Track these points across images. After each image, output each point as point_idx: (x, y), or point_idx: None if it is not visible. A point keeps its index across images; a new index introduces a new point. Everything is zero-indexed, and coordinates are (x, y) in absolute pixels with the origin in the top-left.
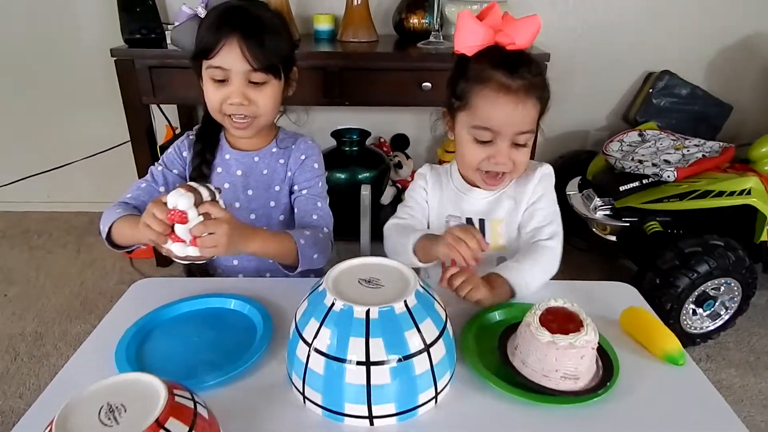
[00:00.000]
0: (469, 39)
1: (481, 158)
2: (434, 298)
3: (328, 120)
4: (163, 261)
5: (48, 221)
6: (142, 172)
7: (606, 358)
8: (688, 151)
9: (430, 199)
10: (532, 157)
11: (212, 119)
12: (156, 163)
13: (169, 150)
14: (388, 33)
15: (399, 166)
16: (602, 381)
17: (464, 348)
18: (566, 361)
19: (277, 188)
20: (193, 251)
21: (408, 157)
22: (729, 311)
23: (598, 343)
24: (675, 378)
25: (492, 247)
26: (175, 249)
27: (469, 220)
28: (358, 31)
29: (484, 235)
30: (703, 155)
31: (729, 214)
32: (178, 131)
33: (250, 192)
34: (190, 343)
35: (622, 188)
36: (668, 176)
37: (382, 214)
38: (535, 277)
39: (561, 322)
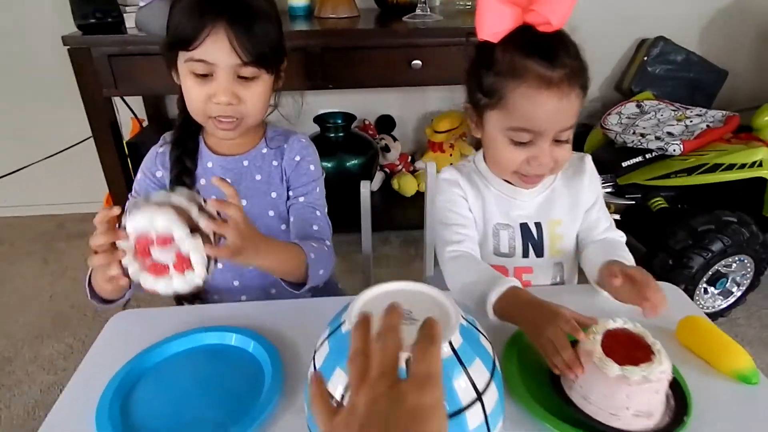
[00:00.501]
0: (494, 23)
1: (519, 161)
2: (478, 330)
3: (308, 104)
4: None
5: (8, 228)
6: (108, 170)
7: (673, 382)
8: (691, 121)
9: (472, 208)
10: None
11: (188, 120)
12: (130, 195)
13: (138, 176)
14: (369, 7)
15: (386, 149)
16: (675, 414)
17: (509, 378)
18: (639, 397)
19: (274, 195)
20: (181, 282)
21: (395, 140)
22: (741, 288)
23: None
24: (750, 400)
25: (549, 253)
26: (158, 286)
27: (524, 226)
28: (337, 6)
29: (542, 241)
30: (707, 126)
31: (735, 186)
32: (145, 124)
33: (244, 202)
34: (185, 393)
35: (624, 164)
36: (674, 150)
37: (372, 201)
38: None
39: (626, 348)
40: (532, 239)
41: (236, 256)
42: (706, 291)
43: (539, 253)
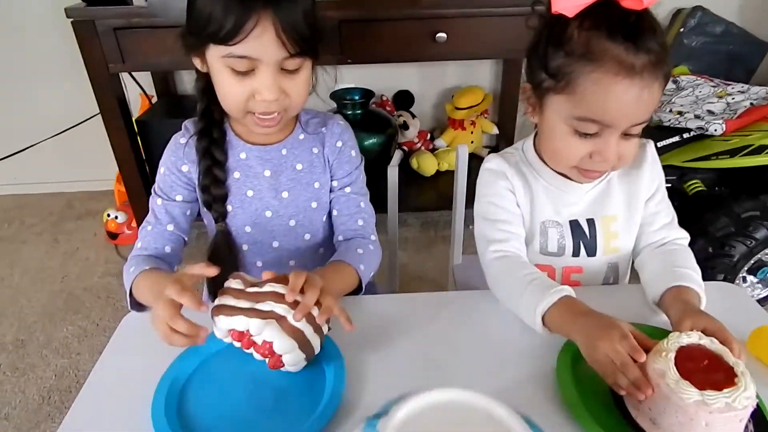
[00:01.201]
0: None
1: (581, 155)
2: None
3: (324, 81)
4: None
5: (18, 206)
6: (117, 148)
7: None
8: (732, 99)
9: (520, 203)
10: None
11: (211, 108)
12: (153, 192)
13: (161, 170)
14: None
15: (405, 126)
16: None
17: (564, 392)
18: (720, 426)
19: (317, 185)
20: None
21: (413, 116)
22: None
23: None
24: None
25: (603, 252)
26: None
27: (575, 223)
28: None
29: (595, 239)
30: (751, 103)
31: None
32: (154, 100)
33: (285, 195)
34: (241, 391)
35: (659, 144)
36: (715, 129)
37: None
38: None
39: (704, 370)
40: (584, 237)
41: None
42: (744, 279)
43: (591, 253)
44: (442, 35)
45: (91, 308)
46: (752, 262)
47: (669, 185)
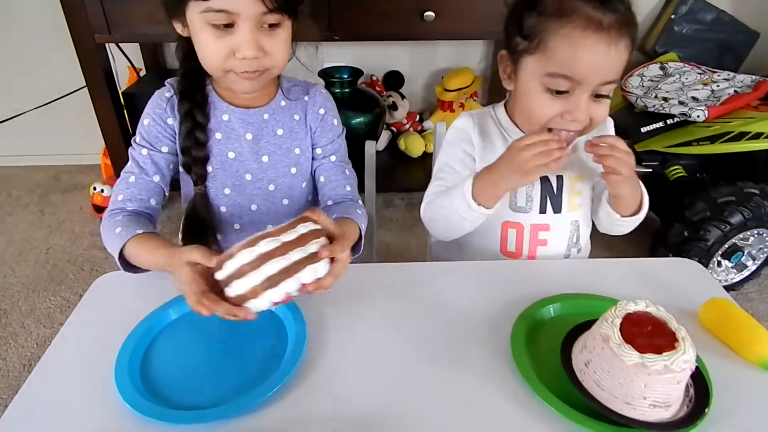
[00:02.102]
0: None
1: (553, 113)
2: None
3: (313, 57)
4: None
5: (4, 179)
6: (103, 121)
7: (694, 371)
8: (717, 86)
9: (481, 162)
10: None
11: (194, 71)
12: (134, 143)
13: (145, 122)
14: None
15: (393, 107)
16: (695, 404)
17: (517, 358)
18: (658, 387)
19: (297, 151)
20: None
21: (403, 97)
22: (756, 262)
23: None
24: None
25: (567, 208)
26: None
27: (544, 178)
28: None
29: (561, 195)
30: (735, 91)
31: (759, 155)
32: (143, 73)
33: (265, 159)
34: (205, 351)
35: (643, 129)
36: (698, 116)
37: (377, 161)
38: (646, 200)
39: (648, 335)
40: (551, 193)
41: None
42: (719, 264)
43: (557, 209)
44: (430, 14)
45: (74, 280)
46: (726, 246)
47: (651, 170)
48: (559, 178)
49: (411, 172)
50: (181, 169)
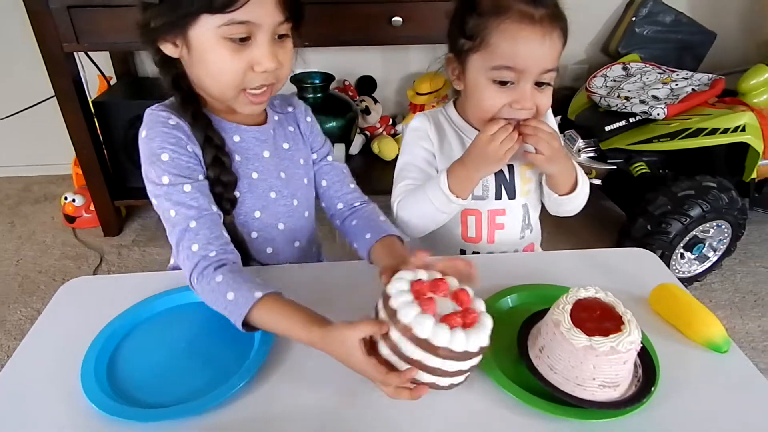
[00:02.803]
0: None
1: (502, 104)
2: None
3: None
4: (112, 230)
5: None
6: (73, 131)
7: (641, 350)
8: (676, 84)
9: (442, 161)
10: None
11: (190, 92)
12: (164, 187)
13: (165, 157)
14: None
15: (366, 111)
16: (643, 384)
17: None
18: (606, 368)
19: (302, 161)
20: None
21: (376, 102)
22: (717, 253)
23: None
24: (719, 368)
25: (520, 194)
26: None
27: (498, 171)
28: None
29: (513, 182)
30: (693, 89)
31: (717, 150)
32: (113, 82)
33: (283, 175)
34: (173, 351)
35: (608, 128)
36: (658, 114)
37: (350, 166)
38: (585, 188)
39: (596, 319)
40: (504, 181)
41: None
42: (682, 256)
43: (511, 195)
44: (397, 19)
45: (46, 291)
46: (687, 238)
47: (615, 167)
48: (510, 167)
49: (385, 176)
50: None
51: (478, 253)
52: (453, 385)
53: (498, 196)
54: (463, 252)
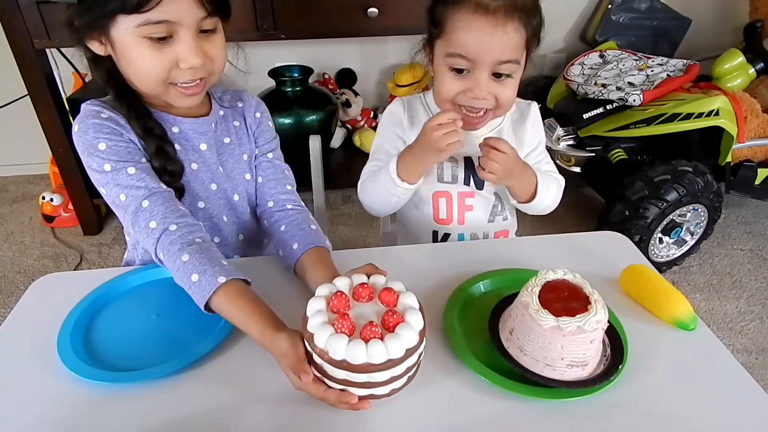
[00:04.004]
0: None
1: (456, 91)
2: None
3: (263, 57)
4: (92, 228)
5: None
6: (48, 130)
7: (610, 330)
8: (652, 71)
9: (410, 136)
10: None
11: (124, 87)
12: (106, 174)
13: (102, 146)
14: None
15: (347, 104)
16: (611, 363)
17: (448, 331)
18: (574, 347)
19: (245, 157)
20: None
21: (356, 94)
22: (694, 237)
23: None
24: (687, 345)
25: (489, 185)
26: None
27: (468, 159)
28: None
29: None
30: (668, 75)
31: (693, 135)
32: (88, 78)
33: (221, 169)
34: (146, 323)
35: (585, 116)
36: (634, 100)
37: (332, 159)
38: (550, 194)
39: (564, 300)
40: (472, 172)
41: None
42: (661, 240)
43: (480, 186)
44: (373, 10)
45: (24, 291)
46: (665, 223)
47: (594, 154)
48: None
49: None
50: None
51: (449, 234)
52: (395, 390)
53: (467, 182)
54: (435, 233)
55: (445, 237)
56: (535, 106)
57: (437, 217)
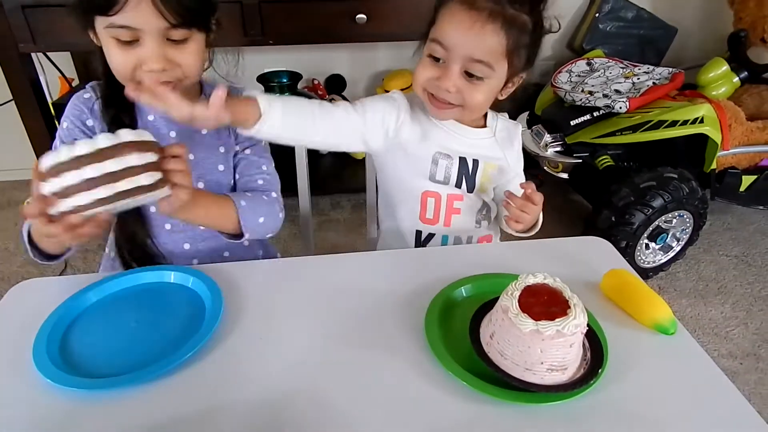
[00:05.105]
0: None
1: (428, 76)
2: None
3: (252, 63)
4: None
5: None
6: (33, 135)
7: (590, 334)
8: (638, 78)
9: (406, 129)
10: None
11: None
12: (53, 148)
13: (64, 125)
14: None
15: None
16: (591, 367)
17: (429, 335)
18: (553, 351)
19: (222, 149)
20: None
21: (345, 100)
22: (680, 243)
23: None
24: (667, 350)
25: (479, 189)
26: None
27: (463, 160)
28: None
29: (473, 177)
30: (654, 83)
31: (680, 142)
32: (75, 83)
33: (191, 156)
34: (125, 329)
35: (573, 122)
36: (620, 107)
37: (321, 165)
38: (538, 225)
39: (543, 304)
40: (467, 173)
41: (178, 209)
42: (647, 247)
43: (470, 189)
44: (362, 16)
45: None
46: (651, 229)
47: (581, 161)
48: (476, 161)
49: (357, 174)
50: None
51: (433, 234)
52: (120, 194)
53: (458, 185)
54: (418, 233)
55: (429, 237)
56: (519, 129)
57: (423, 217)
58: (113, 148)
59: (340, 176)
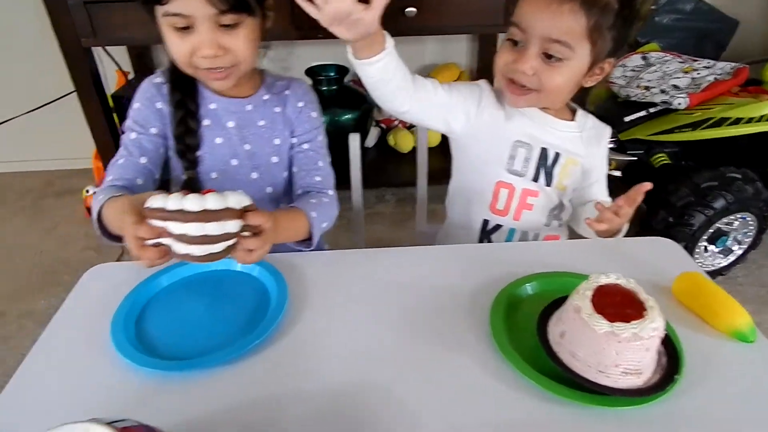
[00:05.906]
0: None
1: (506, 61)
2: None
3: (299, 56)
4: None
5: None
6: (93, 125)
7: (665, 339)
8: (698, 74)
9: (487, 113)
10: None
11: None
12: (125, 128)
13: (135, 106)
14: None
15: None
16: (667, 372)
17: (495, 332)
18: (629, 354)
19: (277, 141)
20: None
21: None
22: (742, 246)
23: None
24: (746, 358)
25: (556, 184)
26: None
27: (544, 151)
28: None
29: (552, 170)
30: (715, 78)
31: (741, 140)
32: (131, 77)
33: (247, 147)
34: (194, 314)
35: (627, 119)
36: (679, 103)
37: (366, 158)
38: (624, 229)
39: (618, 305)
40: (545, 165)
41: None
42: (706, 249)
43: (548, 182)
44: (411, 9)
45: (70, 281)
46: (711, 231)
47: (636, 158)
48: (557, 155)
49: (401, 168)
50: (170, 154)
51: (500, 226)
52: (212, 255)
53: (536, 178)
54: (485, 222)
55: (495, 228)
56: (609, 132)
57: (494, 207)
58: (217, 212)
59: (385, 170)
